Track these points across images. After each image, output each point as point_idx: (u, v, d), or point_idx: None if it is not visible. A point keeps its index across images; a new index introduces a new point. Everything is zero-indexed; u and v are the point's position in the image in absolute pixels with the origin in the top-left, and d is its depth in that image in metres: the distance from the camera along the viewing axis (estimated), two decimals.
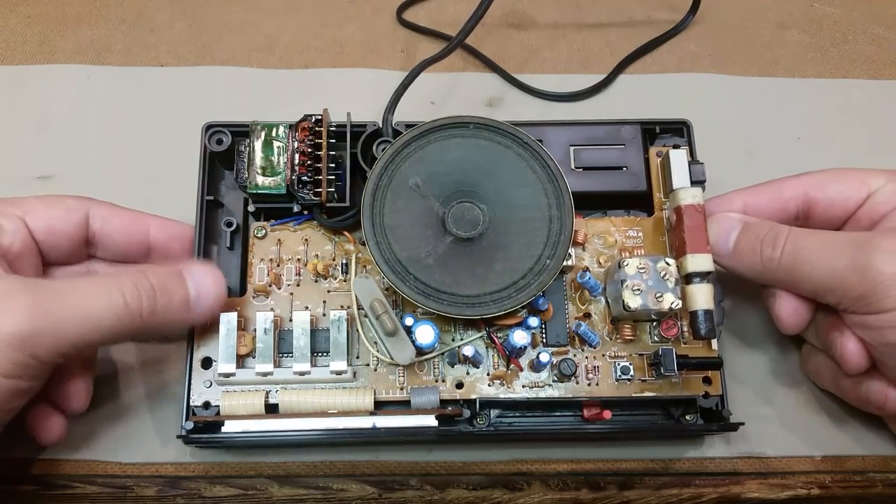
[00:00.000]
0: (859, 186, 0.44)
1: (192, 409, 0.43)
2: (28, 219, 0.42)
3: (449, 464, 0.47)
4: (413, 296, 0.42)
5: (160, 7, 0.64)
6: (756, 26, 0.65)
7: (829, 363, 0.45)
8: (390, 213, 0.43)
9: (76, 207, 0.44)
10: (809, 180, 0.45)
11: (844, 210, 0.45)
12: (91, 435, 0.46)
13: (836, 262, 0.40)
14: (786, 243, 0.42)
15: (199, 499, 0.46)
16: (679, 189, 0.45)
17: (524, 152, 0.45)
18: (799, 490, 0.47)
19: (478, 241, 0.43)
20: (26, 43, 0.61)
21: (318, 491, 0.46)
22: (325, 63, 0.61)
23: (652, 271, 0.43)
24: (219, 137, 0.47)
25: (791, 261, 0.42)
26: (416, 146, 0.45)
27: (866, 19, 0.65)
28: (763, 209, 0.46)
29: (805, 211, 0.46)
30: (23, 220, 0.42)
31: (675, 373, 0.43)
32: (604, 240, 0.47)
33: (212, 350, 0.44)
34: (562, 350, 0.45)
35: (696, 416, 0.44)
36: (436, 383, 0.44)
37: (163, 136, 0.56)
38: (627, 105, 0.60)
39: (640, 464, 0.47)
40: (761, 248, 0.43)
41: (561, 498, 0.47)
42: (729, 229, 0.44)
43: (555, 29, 0.65)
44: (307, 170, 0.45)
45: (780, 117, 0.59)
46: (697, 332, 0.43)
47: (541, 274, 0.43)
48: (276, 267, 0.46)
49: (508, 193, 0.44)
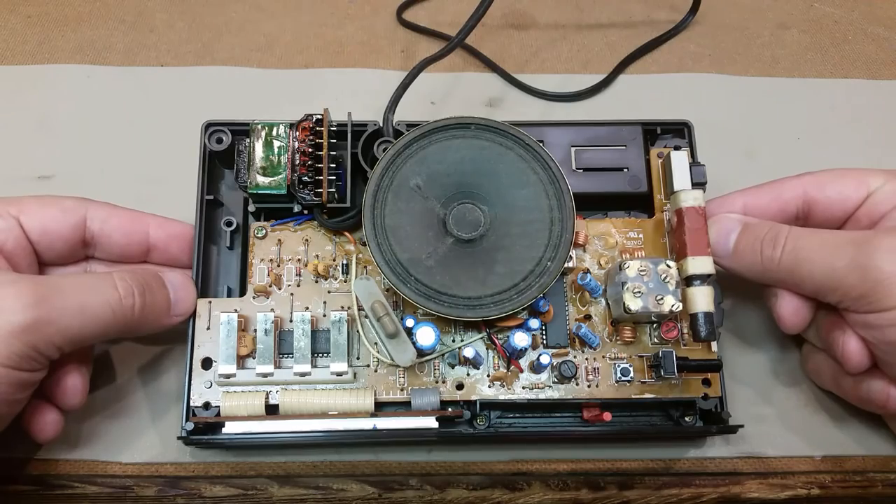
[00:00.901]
0: (858, 186, 0.44)
1: (192, 409, 0.43)
2: (22, 218, 0.42)
3: (449, 464, 0.47)
4: (414, 297, 0.42)
5: (160, 7, 0.64)
6: (756, 26, 0.65)
7: (830, 362, 0.45)
8: (391, 214, 0.43)
9: (73, 208, 0.44)
10: (809, 180, 0.45)
11: (844, 210, 0.45)
12: (91, 435, 0.46)
13: (836, 261, 0.40)
14: (786, 243, 0.42)
15: (199, 499, 0.46)
16: (680, 191, 0.45)
17: (526, 153, 0.45)
18: (799, 490, 0.47)
19: (479, 243, 0.43)
20: (26, 43, 0.61)
21: (318, 491, 0.46)
22: (325, 63, 0.61)
23: (653, 273, 0.43)
24: (219, 136, 0.47)
25: (791, 260, 0.42)
26: (418, 147, 0.44)
27: (866, 19, 0.65)
28: (763, 210, 0.46)
29: (805, 211, 0.46)
30: (17, 220, 0.42)
31: (675, 375, 0.43)
32: (604, 241, 0.47)
33: (212, 351, 0.44)
34: (562, 352, 0.45)
35: (696, 417, 0.44)
36: (436, 384, 0.44)
37: (163, 136, 0.56)
38: (627, 105, 0.60)
39: (641, 464, 0.47)
40: (761, 249, 0.43)
41: (561, 498, 0.47)
42: (729, 230, 0.45)
43: (555, 29, 0.65)
44: (308, 170, 0.45)
45: (780, 117, 0.59)
46: (697, 334, 0.43)
47: (542, 276, 0.42)
48: (277, 267, 0.46)
49: (510, 195, 0.44)
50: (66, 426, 0.45)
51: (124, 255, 0.46)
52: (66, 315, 0.38)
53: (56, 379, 0.42)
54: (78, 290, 0.39)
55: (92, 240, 0.45)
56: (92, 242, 0.45)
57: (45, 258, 0.44)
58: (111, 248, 0.45)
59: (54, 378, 0.42)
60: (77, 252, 0.45)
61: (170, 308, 0.43)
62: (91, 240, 0.45)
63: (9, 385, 0.37)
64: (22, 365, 0.37)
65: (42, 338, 0.37)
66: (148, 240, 0.45)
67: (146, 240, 0.45)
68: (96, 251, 0.45)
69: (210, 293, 0.46)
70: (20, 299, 0.36)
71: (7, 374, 0.36)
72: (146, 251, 0.46)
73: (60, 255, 0.44)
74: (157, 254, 0.46)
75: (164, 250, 0.46)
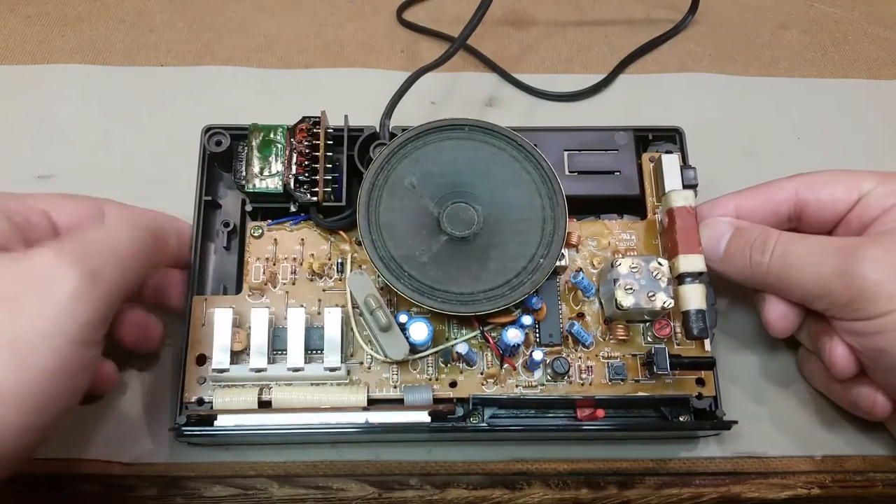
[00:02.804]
0: (850, 189, 0.44)
1: (185, 404, 0.43)
2: (53, 214, 0.42)
3: (449, 464, 0.47)
4: (407, 293, 0.42)
5: (160, 7, 0.64)
6: (756, 26, 0.65)
7: (822, 366, 0.45)
8: (385, 211, 0.43)
9: (93, 205, 0.43)
10: (801, 182, 0.45)
11: (835, 212, 0.44)
12: (91, 435, 0.46)
13: (822, 268, 0.40)
14: (775, 248, 0.42)
15: (199, 499, 0.46)
16: (671, 191, 0.45)
17: (518, 154, 0.45)
18: (799, 490, 0.47)
19: (472, 241, 0.43)
20: (26, 43, 0.61)
21: (318, 491, 0.46)
22: (324, 63, 0.61)
23: (644, 271, 0.43)
24: (218, 139, 0.47)
25: (780, 266, 0.42)
26: (412, 147, 0.45)
27: (866, 19, 0.65)
28: (755, 212, 0.46)
29: (797, 213, 0.45)
30: (48, 215, 0.42)
31: (667, 371, 0.43)
32: (597, 242, 0.48)
33: (206, 346, 0.44)
34: (555, 349, 0.45)
35: (690, 416, 0.44)
36: (429, 381, 0.44)
37: (163, 136, 0.56)
38: (627, 105, 0.59)
39: (641, 464, 0.47)
40: (751, 254, 0.43)
41: (561, 498, 0.46)
42: (720, 234, 0.44)
43: (554, 28, 0.65)
44: (304, 170, 0.45)
45: (780, 117, 0.59)
46: (690, 331, 0.43)
47: (534, 273, 0.43)
48: (272, 266, 0.46)
49: (503, 194, 0.44)
50: (67, 426, 0.46)
51: None
52: (108, 264, 0.36)
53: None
54: (104, 237, 0.38)
55: None
56: None
57: None
58: None
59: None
60: None
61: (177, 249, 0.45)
62: None
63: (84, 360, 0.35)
64: (93, 336, 0.35)
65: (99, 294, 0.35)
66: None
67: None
68: None
69: (207, 291, 0.46)
70: (65, 258, 0.34)
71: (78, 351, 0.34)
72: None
73: None
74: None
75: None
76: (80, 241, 0.37)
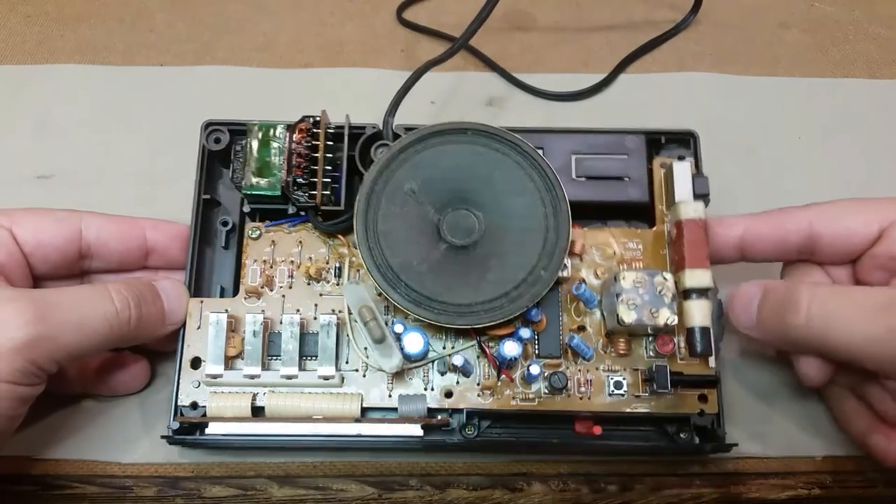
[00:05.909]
0: (868, 221, 0.41)
1: (179, 409, 0.43)
2: (15, 229, 0.42)
3: (449, 464, 0.47)
4: (404, 303, 0.41)
5: (160, 7, 0.64)
6: (757, 26, 0.65)
7: (864, 411, 0.43)
8: (384, 218, 0.42)
9: (67, 218, 0.43)
10: (815, 213, 0.43)
11: (851, 245, 0.42)
12: (91, 435, 0.46)
13: (873, 328, 0.36)
14: (810, 307, 0.38)
15: (198, 499, 0.46)
16: (680, 203, 0.44)
17: (523, 160, 0.44)
18: (799, 490, 0.47)
19: (472, 250, 0.42)
20: (26, 43, 0.61)
21: (318, 491, 0.46)
22: (324, 63, 0.61)
23: (648, 285, 0.41)
24: (217, 136, 0.47)
25: (821, 328, 0.38)
26: (413, 151, 0.44)
27: (866, 19, 0.65)
28: (763, 237, 0.44)
29: (810, 247, 0.43)
30: (10, 231, 0.42)
31: (667, 389, 0.42)
32: (602, 251, 0.46)
33: (201, 350, 0.44)
34: (554, 363, 0.44)
35: (691, 434, 0.43)
36: (424, 392, 0.43)
37: (162, 135, 0.56)
38: (628, 105, 0.59)
39: (641, 464, 0.47)
40: (784, 315, 0.39)
41: (561, 498, 0.46)
42: (749, 298, 0.42)
43: (555, 28, 0.65)
44: (303, 171, 0.44)
45: (781, 117, 0.59)
46: (693, 349, 0.42)
47: (534, 285, 0.41)
48: (269, 268, 0.46)
49: (505, 201, 0.43)
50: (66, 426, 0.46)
51: (123, 263, 0.45)
52: (66, 331, 0.38)
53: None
54: (76, 304, 0.39)
55: (89, 250, 0.44)
56: (89, 253, 0.44)
57: (39, 272, 0.43)
58: (109, 256, 0.45)
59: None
60: (72, 265, 0.44)
61: (164, 318, 0.43)
62: (88, 250, 0.44)
63: (11, 400, 0.37)
64: (23, 380, 0.37)
65: (42, 353, 0.37)
66: (146, 244, 0.45)
67: (144, 244, 0.45)
68: (94, 262, 0.45)
69: (204, 293, 0.46)
70: (21, 315, 0.36)
71: (10, 389, 0.36)
72: (145, 255, 0.46)
73: (55, 268, 0.44)
74: (156, 256, 0.46)
75: (163, 252, 0.46)
76: (46, 302, 0.38)
